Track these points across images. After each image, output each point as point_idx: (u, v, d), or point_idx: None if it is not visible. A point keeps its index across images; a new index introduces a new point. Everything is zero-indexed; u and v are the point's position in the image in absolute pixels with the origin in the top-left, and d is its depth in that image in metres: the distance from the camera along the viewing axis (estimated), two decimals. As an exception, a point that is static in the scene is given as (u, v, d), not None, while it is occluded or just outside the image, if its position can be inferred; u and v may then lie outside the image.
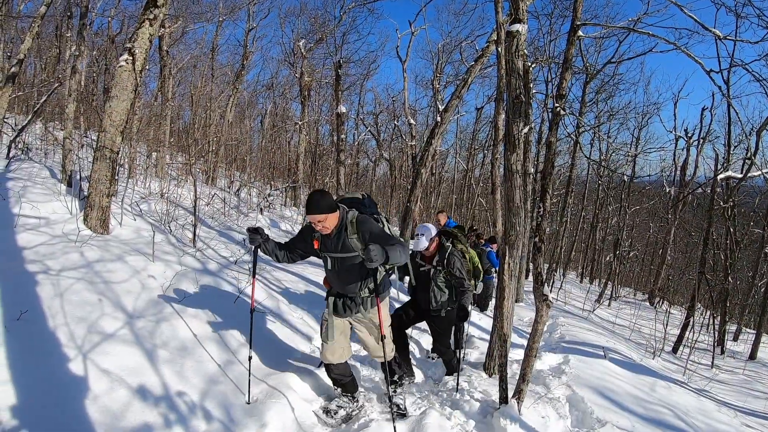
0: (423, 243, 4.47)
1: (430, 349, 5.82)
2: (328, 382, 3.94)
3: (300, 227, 8.00)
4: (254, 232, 3.51)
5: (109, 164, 5.17)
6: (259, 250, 3.60)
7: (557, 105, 4.22)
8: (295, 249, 3.68)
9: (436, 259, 4.52)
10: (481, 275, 5.80)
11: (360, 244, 3.32)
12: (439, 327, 4.70)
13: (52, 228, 4.70)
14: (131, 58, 5.24)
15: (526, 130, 4.06)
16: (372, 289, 3.54)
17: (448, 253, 4.51)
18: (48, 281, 3.74)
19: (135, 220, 5.77)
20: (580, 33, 4.35)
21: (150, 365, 3.37)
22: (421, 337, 6.21)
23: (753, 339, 11.34)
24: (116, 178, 5.76)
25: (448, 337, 5.10)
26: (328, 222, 3.24)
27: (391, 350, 3.76)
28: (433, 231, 4.55)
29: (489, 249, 9.18)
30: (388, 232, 3.55)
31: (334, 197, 3.53)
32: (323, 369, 4.12)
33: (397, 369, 4.00)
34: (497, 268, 9.16)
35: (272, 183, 16.88)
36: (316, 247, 3.49)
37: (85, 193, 5.35)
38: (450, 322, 4.69)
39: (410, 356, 4.84)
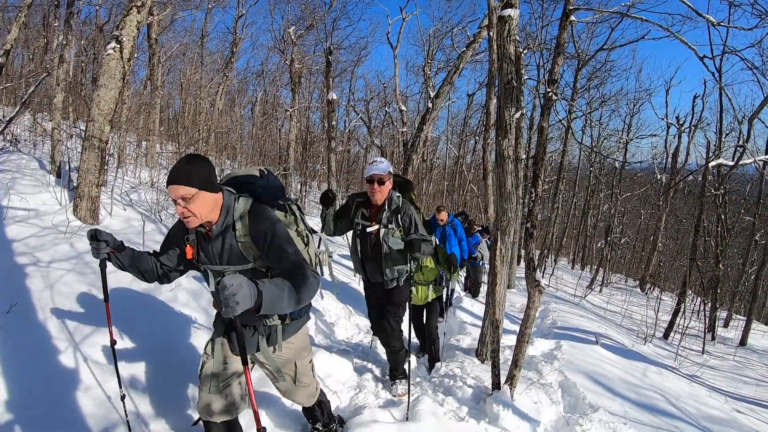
0: (384, 165, 3.66)
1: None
2: (322, 369, 3.93)
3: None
4: (93, 238, 2.27)
5: (98, 154, 5.10)
6: (108, 263, 2.41)
7: (549, 90, 4.20)
8: (166, 261, 2.47)
9: (385, 215, 3.68)
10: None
11: (253, 251, 2.22)
12: (399, 302, 3.97)
13: (42, 219, 4.64)
14: (119, 46, 5.14)
15: (517, 115, 4.04)
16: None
17: (402, 205, 3.73)
18: (38, 273, 3.71)
19: (125, 209, 5.71)
20: (572, 18, 4.32)
21: (141, 357, 3.36)
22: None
23: (743, 325, 11.51)
24: (106, 167, 5.69)
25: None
26: (197, 206, 2.07)
27: (312, 393, 2.79)
28: (391, 167, 3.74)
29: (484, 239, 9.23)
30: (298, 237, 2.48)
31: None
32: (321, 357, 4.12)
33: (320, 416, 2.97)
34: (476, 255, 9.25)
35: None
36: (189, 256, 2.30)
37: (75, 184, 5.29)
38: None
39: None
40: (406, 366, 4.18)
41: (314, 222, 11.16)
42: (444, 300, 6.03)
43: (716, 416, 4.69)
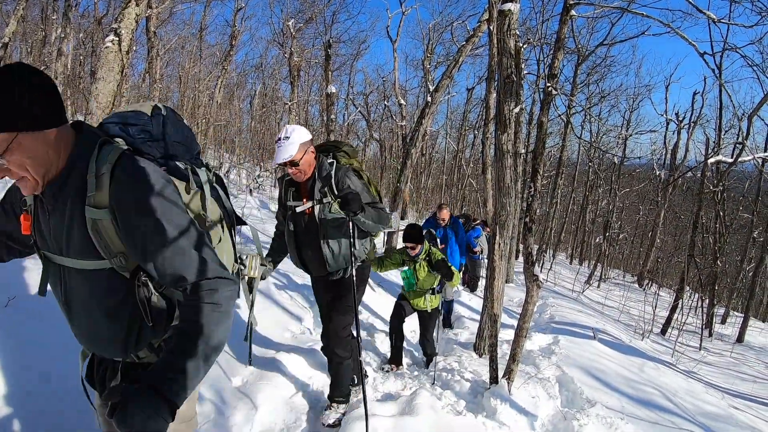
0: (289, 147, 2.76)
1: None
2: (320, 362, 3.95)
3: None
4: None
5: (96, 147, 5.08)
6: None
7: (549, 84, 4.20)
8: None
9: (316, 187, 2.94)
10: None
11: (115, 236, 1.27)
12: (346, 298, 3.16)
13: (40, 212, 4.63)
14: (117, 38, 5.12)
15: (517, 110, 4.04)
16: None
17: (336, 171, 2.96)
18: (37, 266, 3.70)
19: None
20: (572, 12, 4.31)
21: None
22: (410, 318, 6.24)
23: (740, 322, 11.56)
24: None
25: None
26: (19, 157, 1.14)
27: None
28: (306, 135, 2.85)
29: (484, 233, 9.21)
30: (205, 225, 1.57)
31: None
32: (318, 350, 4.12)
33: None
34: (477, 248, 9.17)
35: (262, 164, 16.78)
36: (24, 231, 1.36)
37: (72, 176, 5.27)
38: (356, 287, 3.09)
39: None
40: (355, 381, 3.63)
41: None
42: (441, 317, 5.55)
43: (713, 412, 4.71)
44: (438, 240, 5.99)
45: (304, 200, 2.99)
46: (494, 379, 3.83)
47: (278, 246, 3.30)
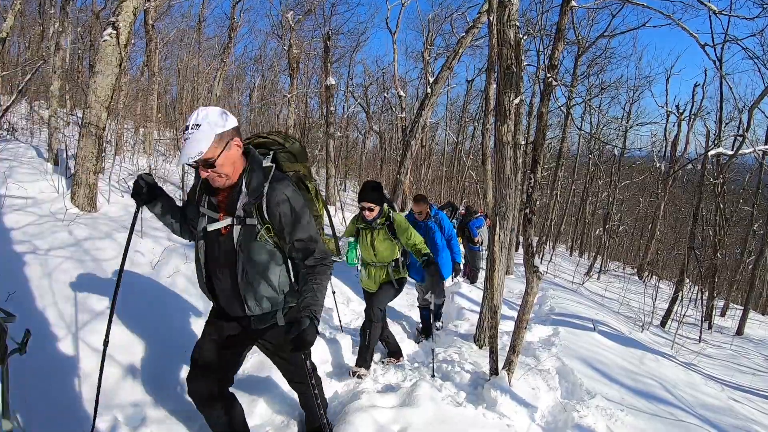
0: (200, 135, 1.96)
1: (418, 329, 5.82)
2: (321, 354, 3.95)
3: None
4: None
5: (95, 141, 5.07)
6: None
7: (549, 75, 4.18)
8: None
9: (241, 201, 2.15)
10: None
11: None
12: (291, 357, 2.43)
13: (40, 207, 4.63)
14: (115, 32, 5.09)
15: (517, 101, 4.02)
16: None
17: (271, 183, 2.16)
18: (36, 261, 3.70)
19: (123, 196, 5.70)
20: (573, 3, 4.28)
21: (140, 342, 3.37)
22: (411, 311, 6.26)
23: (740, 315, 11.57)
24: (103, 154, 5.66)
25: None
26: None
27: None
28: (229, 122, 2.07)
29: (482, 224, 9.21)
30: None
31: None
32: (319, 340, 4.12)
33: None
34: (477, 238, 9.11)
35: (262, 158, 16.72)
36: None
37: (72, 172, 5.27)
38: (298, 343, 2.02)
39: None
40: None
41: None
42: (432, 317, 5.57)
43: (712, 404, 4.73)
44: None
45: (221, 215, 2.19)
46: (494, 371, 3.84)
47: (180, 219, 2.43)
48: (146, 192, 2.19)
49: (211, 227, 2.19)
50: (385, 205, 4.04)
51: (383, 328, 4.41)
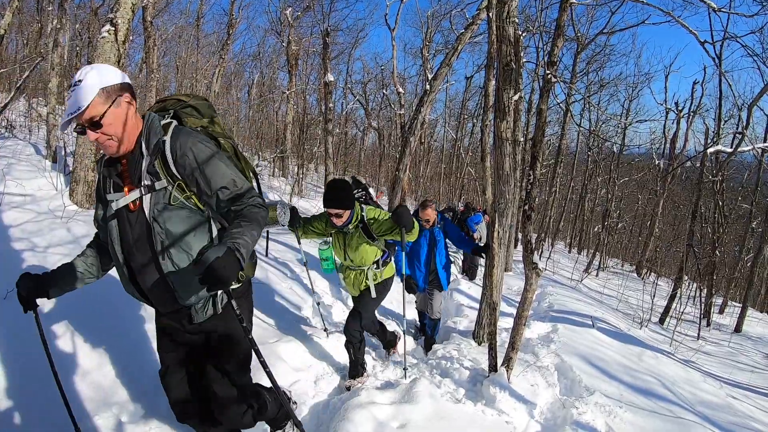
0: (75, 100, 1.68)
1: (416, 325, 5.80)
2: (318, 351, 3.95)
3: (290, 198, 7.46)
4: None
5: (94, 138, 5.07)
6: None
7: (548, 72, 4.18)
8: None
9: (144, 165, 1.86)
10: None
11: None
12: (226, 346, 2.11)
13: (39, 205, 4.63)
14: (114, 29, 5.08)
15: (516, 97, 4.02)
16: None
17: (174, 135, 1.88)
18: (35, 258, 3.70)
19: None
20: (572, 0, 4.28)
21: (139, 340, 3.37)
22: (408, 308, 6.23)
23: (738, 312, 11.59)
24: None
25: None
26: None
27: None
28: (116, 76, 1.78)
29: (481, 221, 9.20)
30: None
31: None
32: (316, 338, 4.11)
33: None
34: (476, 233, 9.09)
35: (260, 153, 16.77)
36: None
37: (71, 169, 5.27)
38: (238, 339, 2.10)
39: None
40: None
41: (313, 205, 11.11)
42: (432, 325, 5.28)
43: (711, 401, 4.73)
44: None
45: (126, 190, 1.87)
46: (493, 367, 3.85)
47: (94, 258, 2.18)
48: (31, 295, 2.06)
49: (118, 205, 1.87)
50: (357, 204, 3.56)
51: (374, 332, 4.44)
